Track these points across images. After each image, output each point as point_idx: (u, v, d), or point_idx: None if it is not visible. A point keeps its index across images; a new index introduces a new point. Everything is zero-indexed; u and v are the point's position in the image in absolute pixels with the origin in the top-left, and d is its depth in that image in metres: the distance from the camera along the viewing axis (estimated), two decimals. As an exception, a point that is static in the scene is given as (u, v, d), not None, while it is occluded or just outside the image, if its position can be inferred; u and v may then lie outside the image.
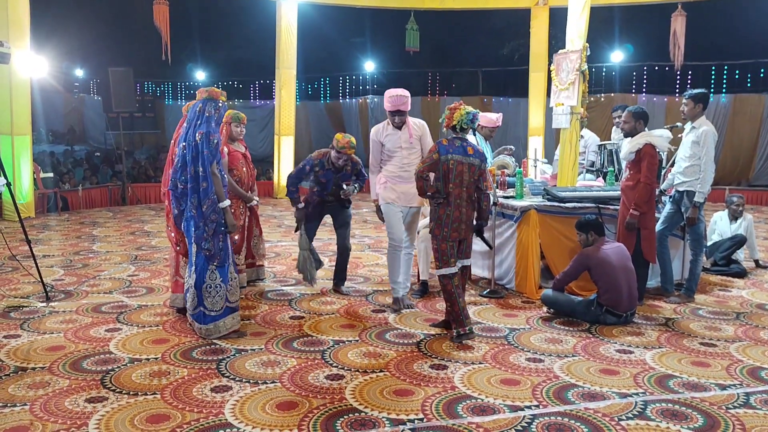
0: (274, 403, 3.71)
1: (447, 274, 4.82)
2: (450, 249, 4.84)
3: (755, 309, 5.78)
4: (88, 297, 5.98)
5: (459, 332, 4.78)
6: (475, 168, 4.85)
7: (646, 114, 5.78)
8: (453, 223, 4.80)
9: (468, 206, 4.85)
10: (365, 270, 7.14)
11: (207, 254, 4.69)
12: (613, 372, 4.24)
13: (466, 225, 4.86)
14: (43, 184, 11.88)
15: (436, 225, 4.84)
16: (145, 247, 8.46)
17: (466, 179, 4.81)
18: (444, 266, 4.85)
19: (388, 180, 5.62)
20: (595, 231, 5.34)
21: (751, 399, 3.83)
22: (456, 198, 4.80)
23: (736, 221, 7.46)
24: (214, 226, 4.66)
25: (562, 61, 7.58)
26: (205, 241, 4.67)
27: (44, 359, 4.36)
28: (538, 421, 3.53)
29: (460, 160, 4.79)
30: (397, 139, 5.58)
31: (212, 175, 4.63)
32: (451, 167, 4.76)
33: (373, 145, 5.70)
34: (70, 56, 21.03)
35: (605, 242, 5.34)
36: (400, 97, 5.43)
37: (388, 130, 5.61)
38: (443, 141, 4.86)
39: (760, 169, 15.74)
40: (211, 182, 4.62)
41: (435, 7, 14.17)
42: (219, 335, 4.76)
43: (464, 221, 4.84)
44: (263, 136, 21.15)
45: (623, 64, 19.12)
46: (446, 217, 4.79)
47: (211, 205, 4.63)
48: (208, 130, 4.64)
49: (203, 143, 4.60)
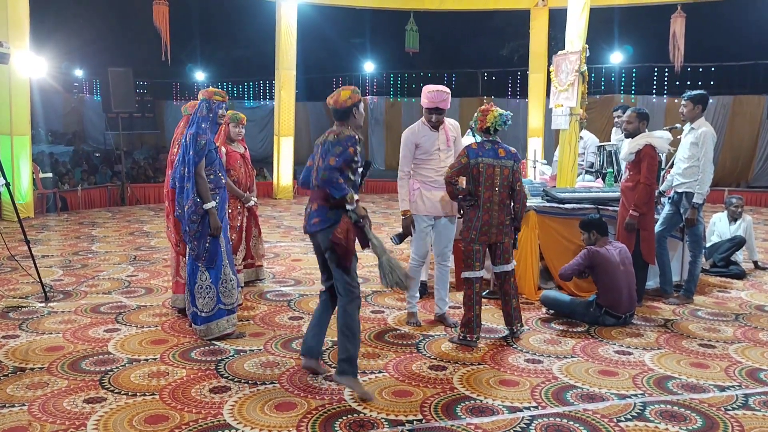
0: (273, 403, 3.71)
1: (470, 278, 4.78)
2: (476, 253, 4.75)
3: (754, 310, 5.78)
4: (87, 297, 5.98)
5: (465, 336, 4.74)
6: (508, 170, 4.75)
7: (648, 115, 5.81)
8: (483, 227, 4.72)
9: (500, 210, 4.74)
10: (364, 271, 7.13)
11: (192, 254, 4.69)
12: (612, 373, 4.24)
13: (497, 229, 4.75)
14: (42, 185, 11.87)
15: (465, 227, 4.80)
16: (144, 248, 8.46)
17: (498, 182, 4.70)
18: (467, 269, 4.80)
19: (422, 186, 5.06)
20: (597, 231, 5.34)
21: (750, 400, 3.83)
22: (486, 202, 4.70)
23: (736, 222, 7.46)
24: (195, 227, 4.64)
25: (561, 62, 7.58)
26: (190, 240, 4.67)
27: (43, 359, 4.36)
28: (537, 422, 3.53)
29: (491, 163, 4.70)
30: (434, 140, 5.05)
31: (197, 176, 4.59)
32: (481, 170, 4.67)
33: (406, 148, 5.06)
34: (69, 56, 21.05)
35: (609, 242, 5.33)
36: (439, 92, 4.89)
37: (425, 130, 5.06)
38: (473, 144, 4.81)
39: (759, 170, 15.75)
40: (194, 183, 4.60)
41: (435, 8, 14.17)
42: (212, 337, 4.75)
43: (495, 225, 4.74)
44: (263, 136, 21.17)
45: (623, 65, 19.14)
46: (476, 220, 4.73)
47: (191, 206, 4.60)
48: (197, 131, 4.63)
49: (191, 144, 4.60)
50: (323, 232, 3.85)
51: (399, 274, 3.85)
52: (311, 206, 3.96)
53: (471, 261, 4.77)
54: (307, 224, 3.98)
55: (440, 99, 4.91)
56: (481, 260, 4.78)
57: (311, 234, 3.98)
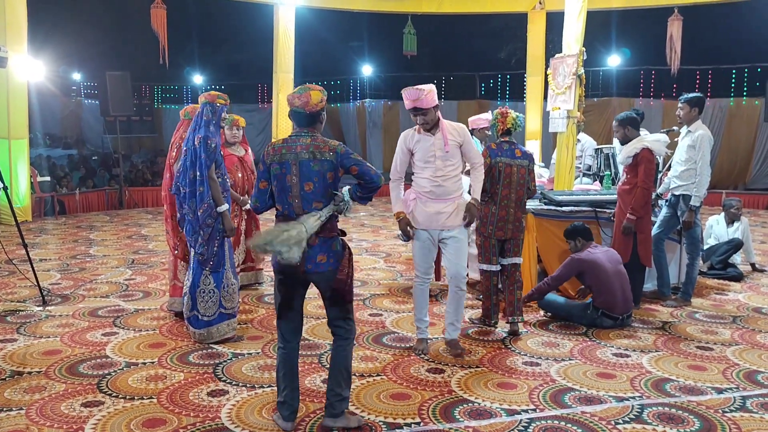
0: (271, 407, 3.70)
1: (487, 270, 5.12)
2: (492, 248, 5.08)
3: (752, 312, 5.79)
4: (85, 301, 5.97)
5: (483, 319, 5.26)
6: (524, 170, 5.06)
7: (632, 118, 5.74)
8: (498, 222, 5.03)
9: (516, 207, 5.06)
10: (362, 274, 7.14)
11: (200, 258, 4.68)
12: (610, 376, 4.25)
13: (513, 225, 5.06)
14: (40, 188, 11.87)
15: (482, 223, 5.05)
16: (142, 251, 8.45)
17: (515, 180, 5.02)
18: (485, 262, 5.12)
19: (419, 197, 4.59)
20: (582, 237, 5.39)
21: (748, 402, 3.84)
22: (503, 199, 5.00)
23: (733, 225, 7.47)
24: (209, 231, 4.66)
25: (558, 65, 7.60)
26: (200, 245, 4.67)
27: (40, 363, 4.35)
28: (535, 425, 3.53)
29: (509, 162, 5.01)
30: (429, 146, 4.53)
31: (210, 179, 4.63)
32: (501, 169, 4.99)
33: (399, 151, 4.67)
34: (67, 60, 21.02)
35: (593, 246, 5.36)
36: (415, 90, 4.40)
37: (418, 135, 4.58)
38: (492, 145, 5.11)
39: (756, 172, 15.78)
40: (208, 187, 4.62)
41: (432, 11, 14.20)
42: (212, 341, 4.75)
43: (511, 221, 5.05)
44: (261, 139, 21.16)
45: (620, 68, 19.18)
46: (491, 216, 5.01)
47: (206, 209, 4.63)
48: (206, 134, 4.65)
49: (201, 147, 4.60)
50: (331, 272, 3.34)
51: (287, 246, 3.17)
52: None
53: (489, 255, 5.09)
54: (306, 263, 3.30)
55: (415, 97, 4.40)
56: (498, 254, 5.11)
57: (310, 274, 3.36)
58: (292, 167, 3.31)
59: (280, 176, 3.34)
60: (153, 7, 11.66)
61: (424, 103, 4.40)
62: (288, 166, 3.32)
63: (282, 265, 3.28)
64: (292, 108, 3.39)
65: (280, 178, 3.34)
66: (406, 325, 5.30)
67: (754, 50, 16.56)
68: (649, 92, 17.92)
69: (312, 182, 3.32)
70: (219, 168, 4.75)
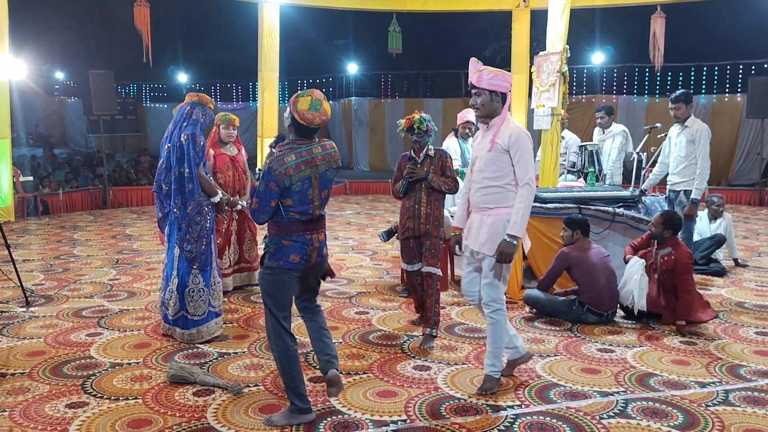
0: (257, 406, 3.70)
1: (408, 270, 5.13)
2: (411, 249, 5.04)
3: (734, 307, 5.85)
4: (69, 301, 5.93)
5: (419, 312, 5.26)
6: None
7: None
8: (407, 213, 5.01)
9: (428, 204, 4.98)
10: (349, 272, 7.13)
11: (188, 256, 4.66)
12: (595, 371, 4.28)
13: (424, 221, 4.97)
14: (22, 188, 11.75)
15: (399, 219, 5.13)
16: (127, 251, 8.39)
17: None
18: (405, 261, 5.13)
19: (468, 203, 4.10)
20: (581, 230, 5.39)
21: (730, 396, 3.88)
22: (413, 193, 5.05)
23: (716, 221, 7.54)
24: (198, 228, 4.64)
25: (542, 63, 7.62)
26: (188, 242, 4.65)
27: (24, 365, 4.32)
28: (521, 420, 3.55)
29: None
30: (479, 142, 4.00)
31: (199, 176, 4.62)
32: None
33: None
34: (50, 59, 20.85)
35: (587, 243, 5.38)
36: (476, 62, 4.05)
37: (480, 132, 4.04)
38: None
39: (739, 168, 15.92)
40: (197, 184, 4.61)
41: (417, 9, 14.20)
42: (201, 340, 4.73)
43: (420, 216, 4.99)
44: (246, 138, 21.07)
45: (604, 65, 19.29)
46: (403, 209, 5.04)
47: (195, 206, 4.61)
48: (194, 131, 4.63)
49: (189, 144, 4.58)
50: (326, 259, 3.62)
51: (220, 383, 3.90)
52: (317, 237, 3.46)
53: (408, 256, 5.04)
54: (318, 256, 3.50)
55: (473, 69, 3.99)
56: (416, 257, 4.98)
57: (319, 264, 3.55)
58: (313, 181, 3.40)
59: (302, 191, 3.36)
60: (136, 5, 11.55)
61: (477, 80, 3.83)
62: (309, 180, 3.38)
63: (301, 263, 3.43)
64: (310, 126, 3.37)
65: (302, 193, 3.37)
66: (393, 322, 5.31)
67: (736, 47, 16.72)
68: (632, 89, 18.05)
69: (327, 189, 3.53)
70: (204, 166, 4.76)
